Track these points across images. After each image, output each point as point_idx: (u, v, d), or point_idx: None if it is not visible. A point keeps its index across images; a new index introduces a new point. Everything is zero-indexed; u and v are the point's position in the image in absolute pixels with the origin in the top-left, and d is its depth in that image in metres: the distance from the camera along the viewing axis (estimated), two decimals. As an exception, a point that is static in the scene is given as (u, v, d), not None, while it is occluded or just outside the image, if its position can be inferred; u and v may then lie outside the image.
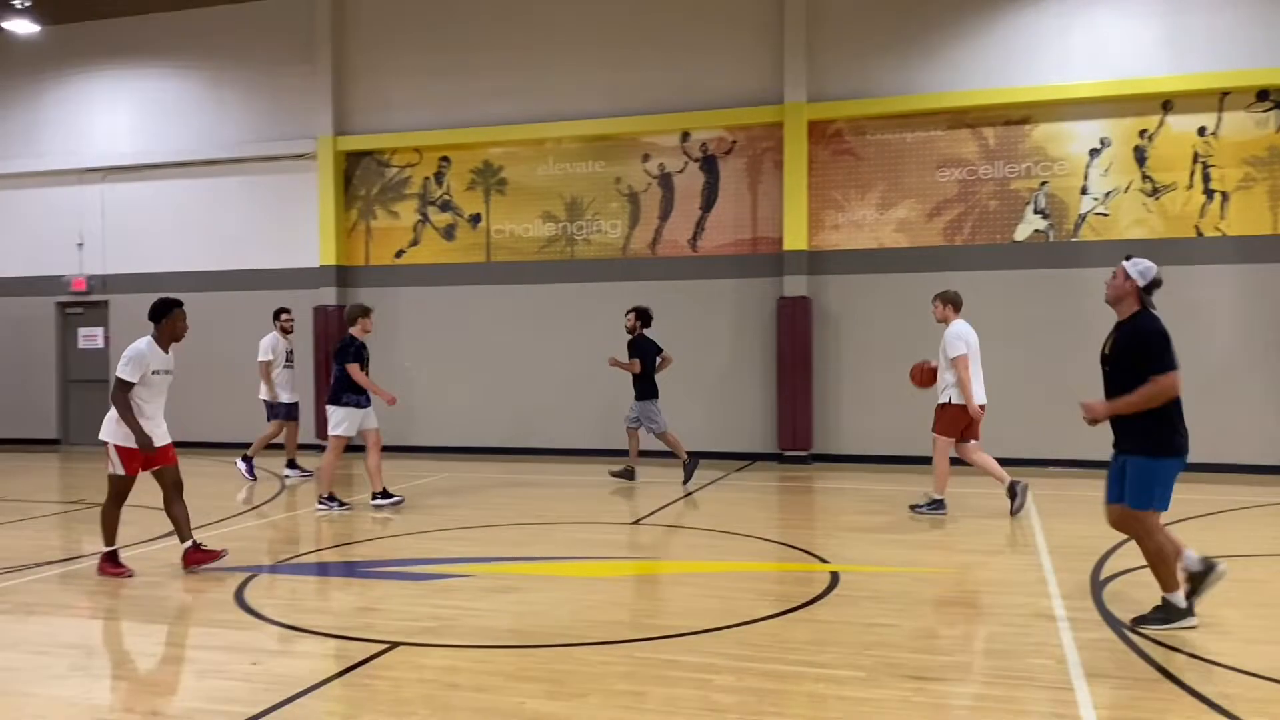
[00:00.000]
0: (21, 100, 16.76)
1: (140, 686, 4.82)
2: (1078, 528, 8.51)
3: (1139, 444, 5.41)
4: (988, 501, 9.78)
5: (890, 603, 6.11)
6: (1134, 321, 5.48)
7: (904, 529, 8.76)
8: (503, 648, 5.26)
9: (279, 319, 12.09)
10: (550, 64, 14.19)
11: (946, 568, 7.11)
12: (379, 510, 9.84)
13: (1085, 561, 7.10)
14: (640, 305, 11.53)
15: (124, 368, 6.93)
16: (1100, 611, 5.85)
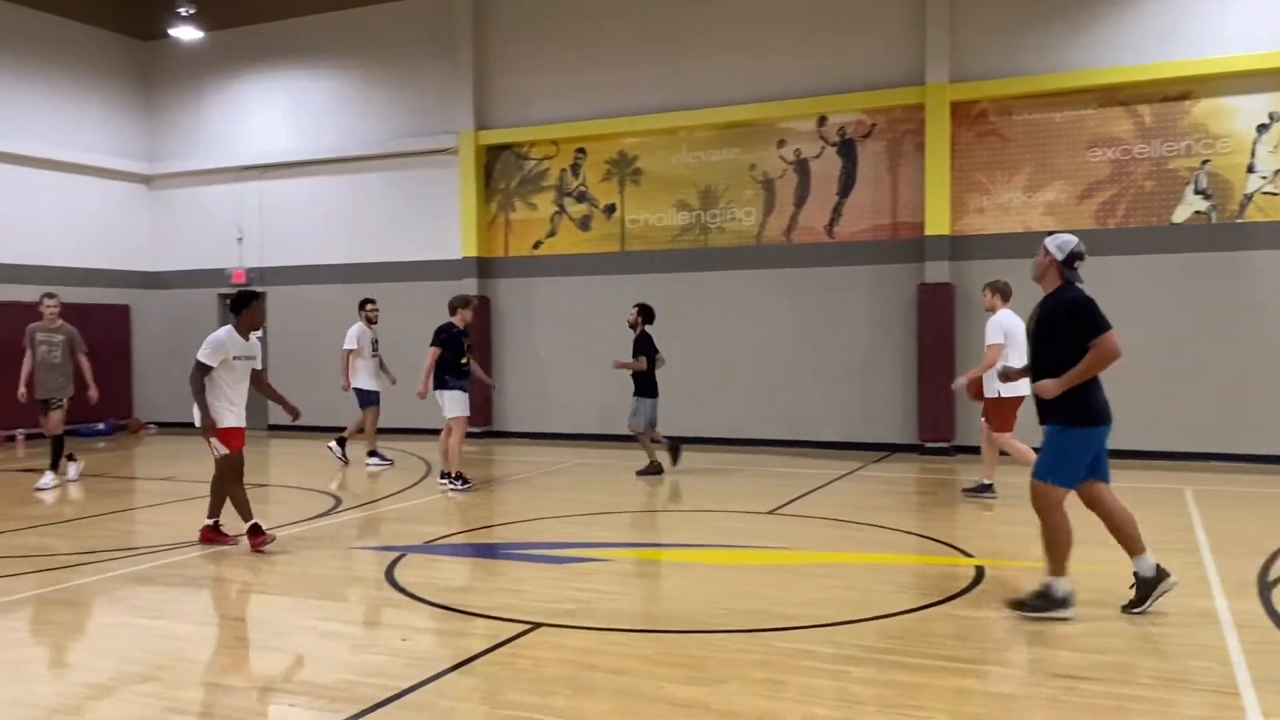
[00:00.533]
0: (185, 104, 17.77)
1: (297, 658, 5.07)
2: (1240, 525, 8.03)
3: (1055, 414, 5.40)
4: (1143, 496, 9.33)
5: (1038, 599, 5.90)
6: (1056, 296, 5.49)
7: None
8: (640, 632, 5.32)
9: (364, 309, 12.40)
10: (685, 52, 14.19)
11: (1098, 563, 6.81)
12: (444, 490, 10.17)
13: (1250, 560, 6.71)
14: (643, 302, 11.41)
15: (204, 352, 7.39)
16: (1268, 613, 5.52)
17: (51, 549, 7.65)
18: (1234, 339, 11.69)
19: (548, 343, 15.15)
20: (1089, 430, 5.38)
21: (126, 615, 5.91)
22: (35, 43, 16.13)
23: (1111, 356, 5.26)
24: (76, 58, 16.82)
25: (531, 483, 10.94)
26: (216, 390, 7.40)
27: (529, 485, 10.80)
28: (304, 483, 10.96)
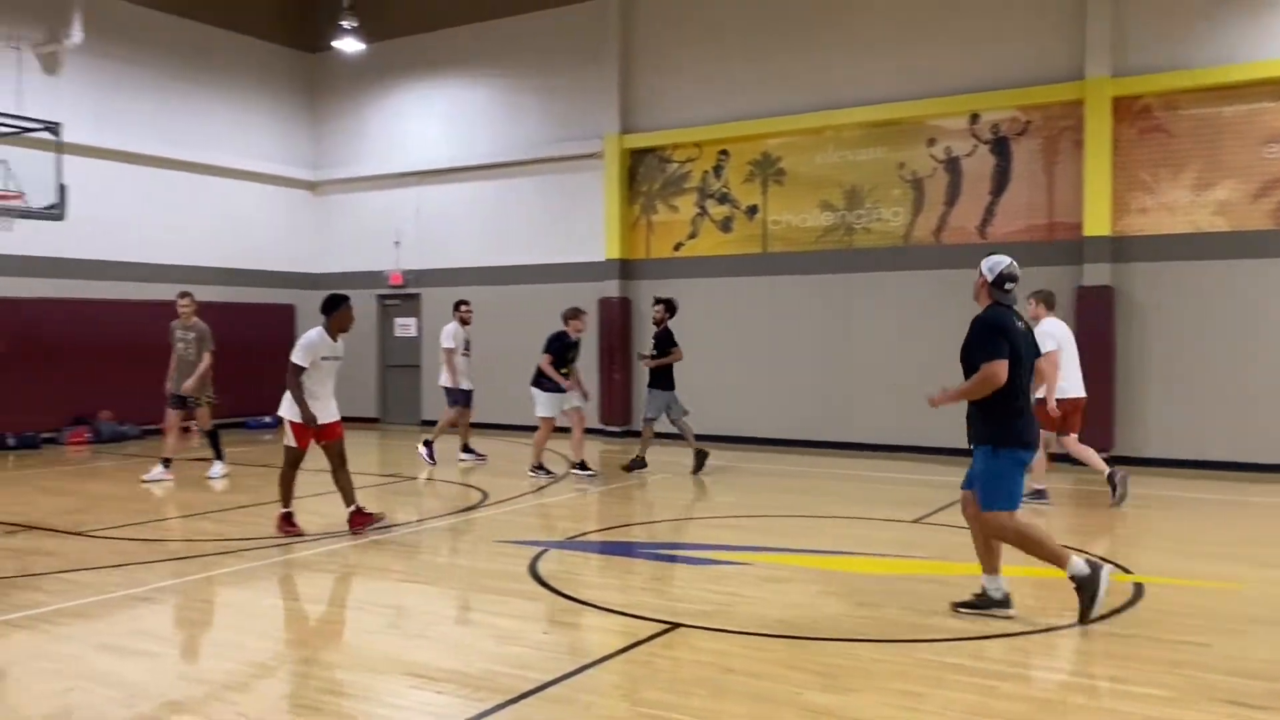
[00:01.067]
0: (347, 113, 18.61)
1: (444, 646, 5.25)
2: None
3: (980, 434, 5.60)
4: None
5: (1201, 619, 5.59)
6: (978, 315, 5.65)
7: (1216, 539, 7.97)
8: (778, 637, 5.28)
9: (459, 310, 12.74)
10: (831, 51, 14.01)
11: (1265, 584, 6.40)
12: (578, 480, 10.87)
13: None
14: (667, 297, 12.03)
15: (297, 354, 7.82)
16: None
17: (224, 534, 8.14)
18: None
19: (688, 344, 15.15)
20: (1016, 451, 5.53)
21: (287, 599, 6.24)
22: (212, 57, 17.20)
23: (990, 385, 5.43)
24: (250, 71, 17.85)
25: (671, 484, 11.00)
26: (304, 387, 7.80)
27: (668, 486, 10.86)
28: (451, 477, 11.32)
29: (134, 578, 6.63)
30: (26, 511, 9.08)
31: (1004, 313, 5.61)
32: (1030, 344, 5.68)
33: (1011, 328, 5.53)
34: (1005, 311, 5.63)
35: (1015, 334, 5.52)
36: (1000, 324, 5.51)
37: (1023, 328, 5.66)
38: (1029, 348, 5.64)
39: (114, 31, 15.52)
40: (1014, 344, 5.47)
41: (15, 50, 14.51)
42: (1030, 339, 5.72)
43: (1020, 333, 5.58)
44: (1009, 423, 5.49)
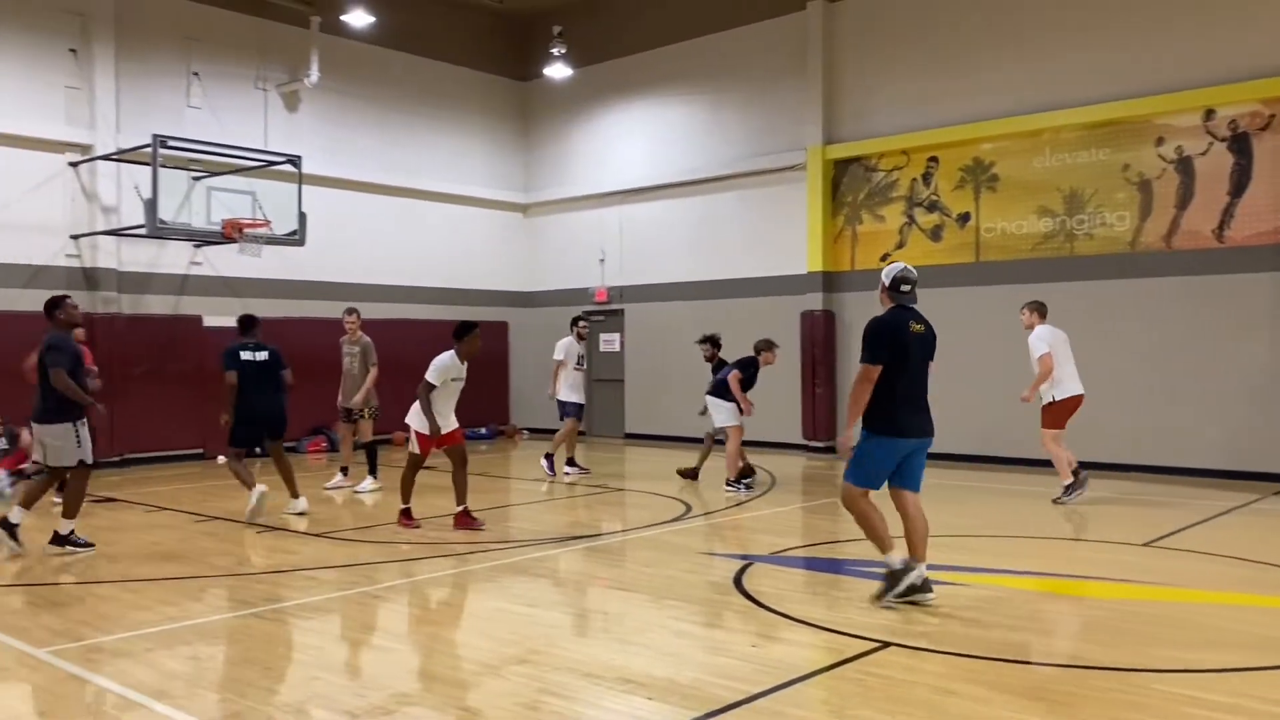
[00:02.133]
0: (556, 137, 19.30)
1: (655, 654, 5.32)
2: None
3: (865, 421, 6.09)
4: None
5: None
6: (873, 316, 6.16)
7: None
8: (1001, 661, 5.05)
9: (575, 326, 13.05)
10: (1048, 50, 13.37)
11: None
12: (733, 493, 11.05)
13: None
14: (711, 334, 12.57)
15: (432, 373, 8.66)
16: None
17: (442, 539, 8.56)
18: None
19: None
20: (888, 440, 6.05)
21: (504, 601, 6.50)
22: (433, 89, 18.24)
23: (861, 383, 6.00)
24: (467, 101, 18.82)
25: (879, 501, 10.73)
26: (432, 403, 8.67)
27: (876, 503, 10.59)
28: (656, 489, 11.48)
29: (366, 576, 7.08)
30: (273, 514, 9.85)
31: (900, 314, 6.14)
32: (926, 343, 6.16)
33: (904, 329, 6.05)
34: (902, 313, 6.15)
35: (907, 334, 6.03)
36: (889, 326, 6.06)
37: (921, 329, 6.14)
38: (923, 347, 6.14)
39: (345, 70, 16.73)
40: (904, 344, 6.01)
41: (262, 91, 15.88)
42: (926, 339, 6.16)
43: (914, 333, 6.07)
44: (889, 413, 6.01)
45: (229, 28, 15.48)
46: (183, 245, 14.67)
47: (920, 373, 6.14)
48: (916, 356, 6.06)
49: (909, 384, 6.05)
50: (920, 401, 6.16)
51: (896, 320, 6.06)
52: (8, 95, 13.37)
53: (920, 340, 6.10)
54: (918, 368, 6.10)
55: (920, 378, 6.14)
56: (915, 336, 6.06)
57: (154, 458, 14.13)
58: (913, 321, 6.11)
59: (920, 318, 6.18)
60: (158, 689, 4.74)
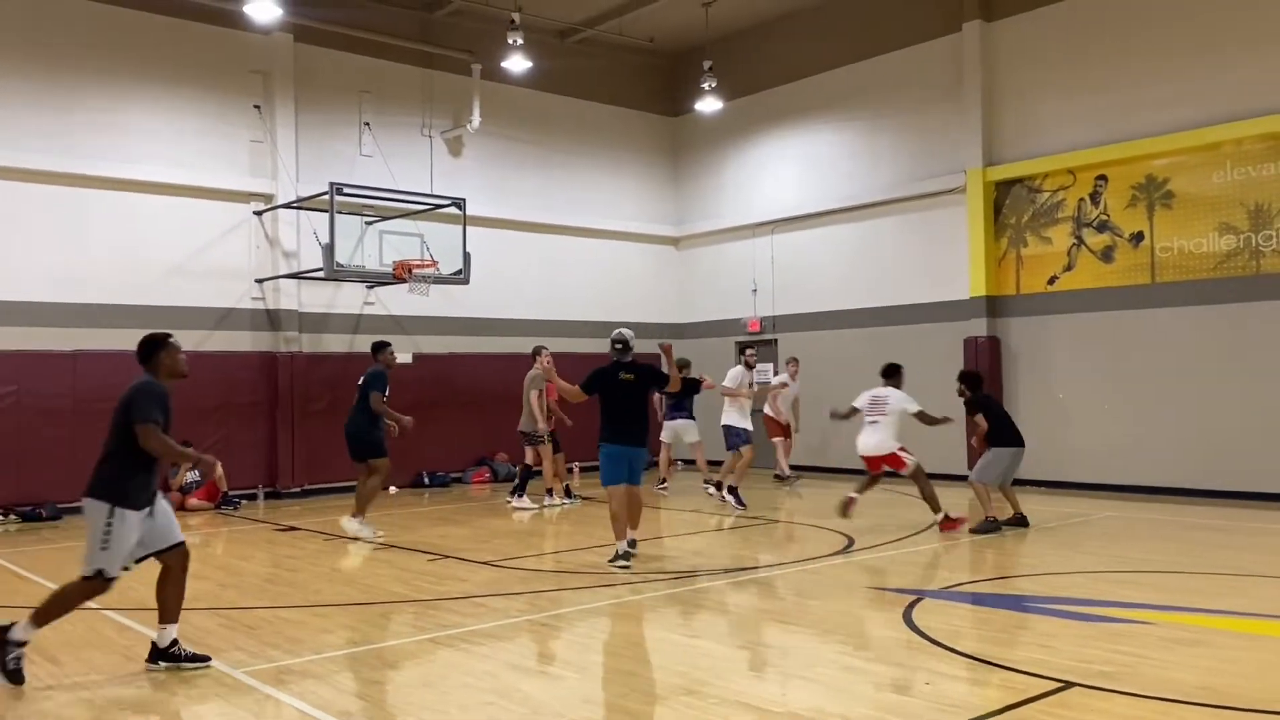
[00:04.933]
0: (707, 169, 19.45)
1: (826, 689, 5.23)
2: None
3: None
4: None
5: None
6: None
7: None
8: (1194, 704, 4.74)
9: (744, 354, 13.65)
10: (1222, 58, 12.65)
11: None
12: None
13: None
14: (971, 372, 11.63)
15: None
16: None
17: (598, 567, 8.66)
18: None
19: (1065, 384, 14.19)
20: (608, 446, 8.69)
21: (669, 632, 6.52)
22: (587, 128, 18.70)
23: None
24: (621, 138, 19.21)
25: (1055, 534, 10.27)
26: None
27: (1052, 536, 10.14)
28: (819, 521, 11.31)
29: (535, 604, 7.24)
30: (442, 543, 10.20)
31: (613, 365, 8.77)
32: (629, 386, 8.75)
33: (612, 374, 8.71)
34: (615, 365, 8.77)
35: (614, 379, 8.70)
36: (600, 371, 8.78)
37: (631, 377, 8.70)
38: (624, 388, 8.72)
39: (504, 114, 17.35)
40: (610, 385, 8.68)
41: (427, 138, 16.64)
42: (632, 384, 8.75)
43: (621, 379, 8.68)
44: (605, 429, 8.75)
45: (397, 79, 16.32)
46: (357, 286, 15.47)
47: (623, 405, 8.64)
48: (619, 395, 8.64)
49: (617, 411, 8.65)
50: (628, 424, 8.68)
51: (607, 369, 8.75)
52: (198, 150, 14.45)
53: (625, 384, 8.67)
54: (622, 402, 8.63)
55: (627, 408, 8.66)
56: (621, 381, 8.65)
57: (333, 488, 14.86)
58: (623, 372, 8.69)
59: (631, 368, 8.72)
60: (343, 709, 4.96)
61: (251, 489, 14.47)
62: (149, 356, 5.76)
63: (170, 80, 14.28)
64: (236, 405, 14.50)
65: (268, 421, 14.75)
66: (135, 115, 13.99)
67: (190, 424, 14.01)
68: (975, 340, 14.93)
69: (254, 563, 9.51)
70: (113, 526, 5.43)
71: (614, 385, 8.66)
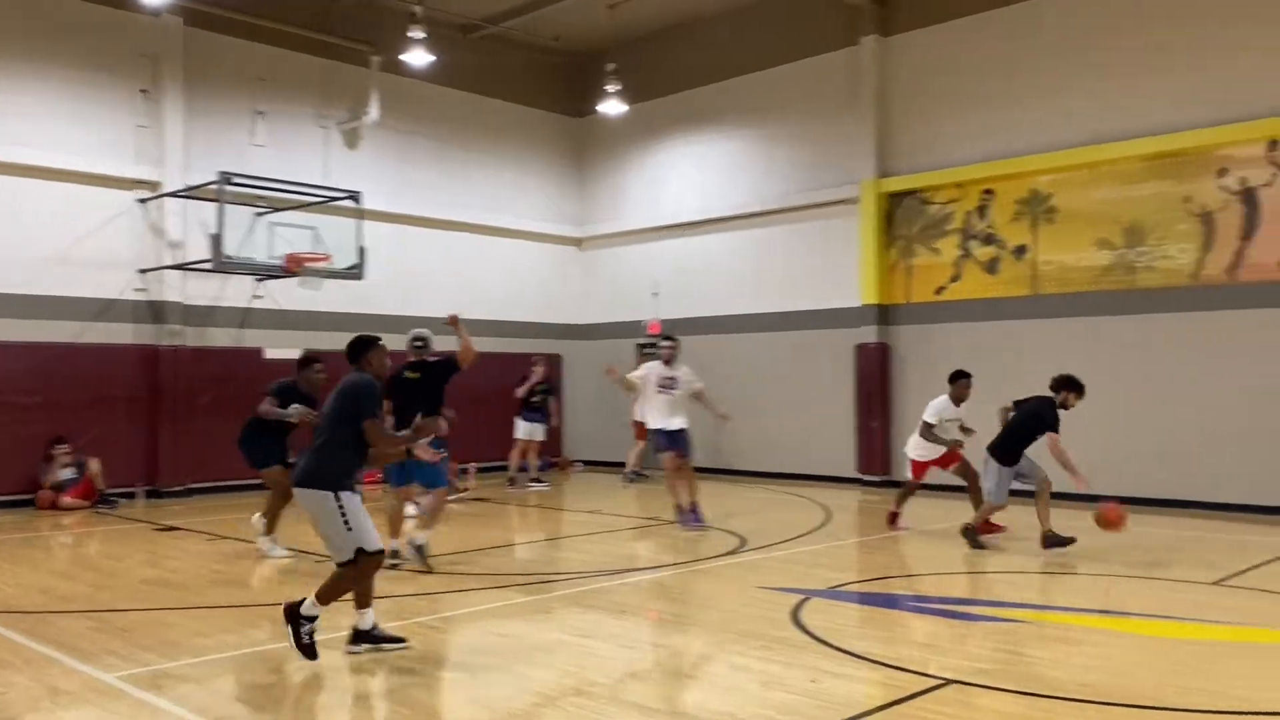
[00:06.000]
0: (610, 171, 19.47)
1: (713, 688, 5.28)
2: None
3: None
4: None
5: None
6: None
7: None
8: (1068, 700, 4.94)
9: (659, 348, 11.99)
10: (1104, 81, 13.24)
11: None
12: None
13: None
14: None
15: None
16: None
17: (498, 569, 8.59)
18: None
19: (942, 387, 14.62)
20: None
21: (562, 633, 6.50)
22: (490, 126, 18.52)
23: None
24: (523, 137, 19.08)
25: (935, 536, 10.59)
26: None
27: (932, 538, 10.46)
28: (710, 522, 11.42)
29: (424, 606, 7.13)
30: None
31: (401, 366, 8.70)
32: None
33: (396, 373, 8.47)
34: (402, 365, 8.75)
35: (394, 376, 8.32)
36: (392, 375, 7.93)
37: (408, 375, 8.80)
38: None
39: (405, 107, 17.06)
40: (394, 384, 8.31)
41: (324, 129, 16.26)
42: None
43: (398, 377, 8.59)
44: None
45: (292, 68, 15.90)
46: (245, 279, 15.00)
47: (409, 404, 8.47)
48: (404, 395, 8.60)
49: (404, 411, 8.42)
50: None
51: (396, 369, 8.36)
52: (81, 134, 13.82)
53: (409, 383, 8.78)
54: (408, 402, 8.50)
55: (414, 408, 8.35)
56: (405, 380, 8.76)
57: (218, 487, 14.38)
58: (408, 370, 8.81)
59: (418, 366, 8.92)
60: (221, 715, 4.80)
61: (131, 488, 13.90)
62: (358, 356, 6.18)
63: (52, 60, 13.62)
64: (115, 400, 13.91)
65: (148, 418, 14.19)
66: (12, 95, 13.31)
67: (65, 419, 13.46)
68: (866, 347, 15.30)
69: (130, 563, 9.14)
70: (344, 507, 5.62)
71: (399, 384, 8.56)
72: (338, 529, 5.60)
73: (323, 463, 5.70)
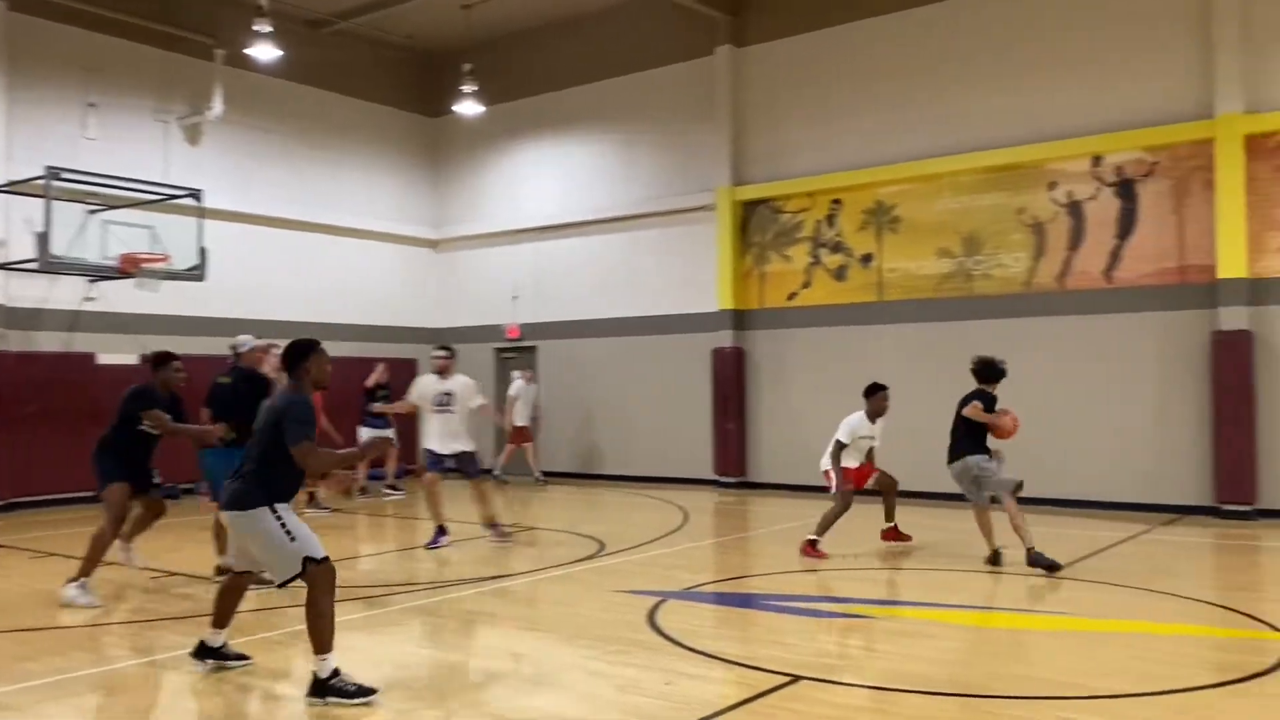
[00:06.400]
0: (467, 173, 19.24)
1: (568, 694, 5.26)
2: None
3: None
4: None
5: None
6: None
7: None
8: (910, 692, 5.13)
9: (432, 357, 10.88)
10: (945, 96, 13.87)
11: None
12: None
13: None
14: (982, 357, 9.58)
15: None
16: None
17: (348, 581, 8.35)
18: None
19: (803, 394, 15.06)
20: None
21: (415, 645, 6.36)
22: (341, 124, 18.02)
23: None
24: (376, 136, 18.65)
25: (788, 535, 10.84)
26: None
27: (785, 537, 10.70)
28: (569, 527, 11.41)
29: (267, 621, 6.86)
30: (169, 558, 9.49)
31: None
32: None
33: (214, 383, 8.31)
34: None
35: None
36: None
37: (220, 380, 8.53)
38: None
39: (250, 103, 16.42)
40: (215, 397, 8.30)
41: (163, 124, 15.49)
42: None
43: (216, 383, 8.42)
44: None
45: (128, 58, 15.09)
46: (76, 281, 14.14)
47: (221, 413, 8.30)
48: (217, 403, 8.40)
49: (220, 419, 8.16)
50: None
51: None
52: (-112, 123, 12.79)
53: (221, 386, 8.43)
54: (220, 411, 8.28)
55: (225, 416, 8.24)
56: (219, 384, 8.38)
57: (43, 501, 13.50)
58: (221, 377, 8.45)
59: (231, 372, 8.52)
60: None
61: (-56, 503, 12.92)
62: (296, 363, 5.42)
63: None
64: (-73, 409, 12.91)
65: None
66: None
67: None
68: (722, 351, 15.57)
69: (-57, 585, 8.48)
70: (283, 518, 5.20)
71: (215, 391, 8.44)
72: (279, 541, 5.15)
73: (254, 483, 5.24)
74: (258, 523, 5.19)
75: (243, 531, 5.32)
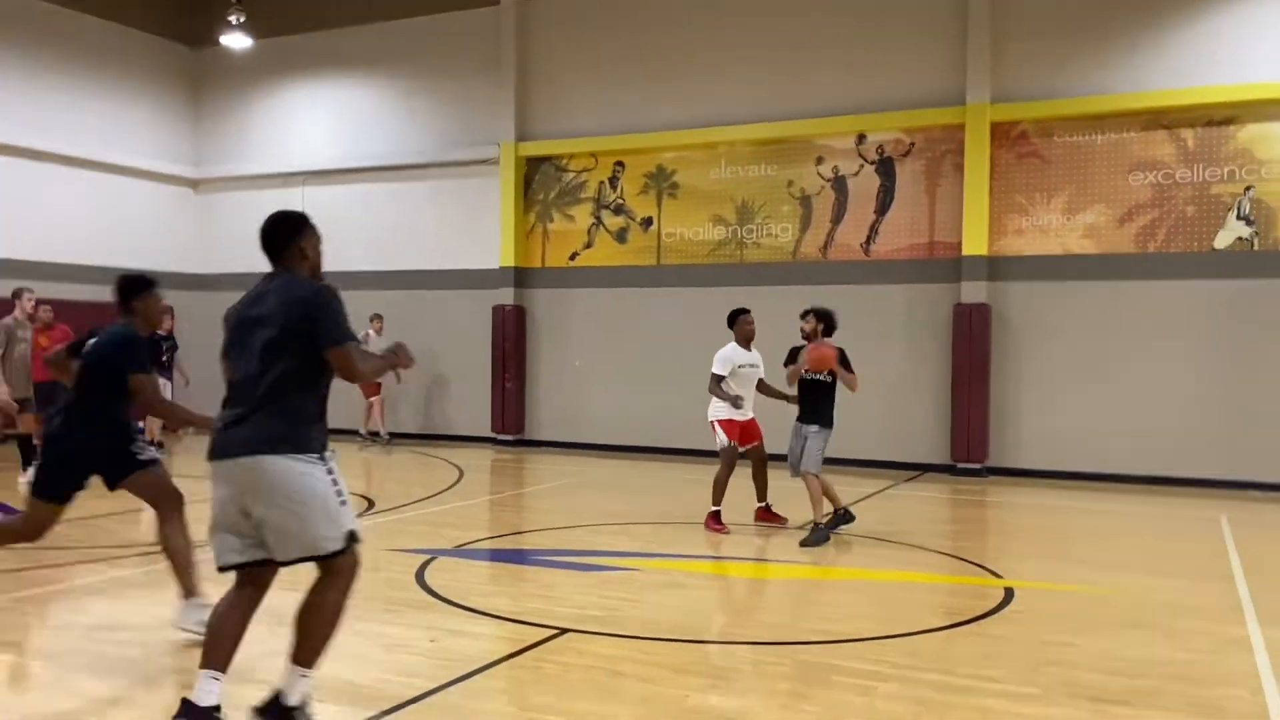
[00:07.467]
0: (233, 110, 18.09)
1: (332, 655, 5.14)
2: (1276, 553, 7.93)
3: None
4: (1178, 524, 9.26)
5: (1067, 621, 5.88)
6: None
7: (1082, 546, 8.40)
8: (667, 641, 5.35)
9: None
10: (724, 69, 14.27)
11: (1129, 589, 6.77)
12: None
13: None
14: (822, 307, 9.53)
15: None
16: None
17: (86, 541, 7.80)
18: (1274, 366, 11.56)
19: (582, 353, 15.24)
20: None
21: (168, 608, 6.02)
22: (87, 47, 16.51)
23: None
24: (127, 63, 17.19)
25: (562, 492, 11.01)
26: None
27: (560, 494, 10.87)
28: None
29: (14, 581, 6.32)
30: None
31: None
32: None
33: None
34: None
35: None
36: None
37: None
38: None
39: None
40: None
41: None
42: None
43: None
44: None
45: None
46: None
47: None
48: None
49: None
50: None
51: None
52: None
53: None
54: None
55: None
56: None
57: None
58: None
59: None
60: None
61: None
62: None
63: None
64: None
65: None
66: None
67: None
68: (503, 309, 15.49)
69: None
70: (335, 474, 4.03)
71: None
72: (329, 505, 3.99)
73: (296, 421, 3.95)
74: (310, 473, 3.98)
75: (270, 483, 3.91)
